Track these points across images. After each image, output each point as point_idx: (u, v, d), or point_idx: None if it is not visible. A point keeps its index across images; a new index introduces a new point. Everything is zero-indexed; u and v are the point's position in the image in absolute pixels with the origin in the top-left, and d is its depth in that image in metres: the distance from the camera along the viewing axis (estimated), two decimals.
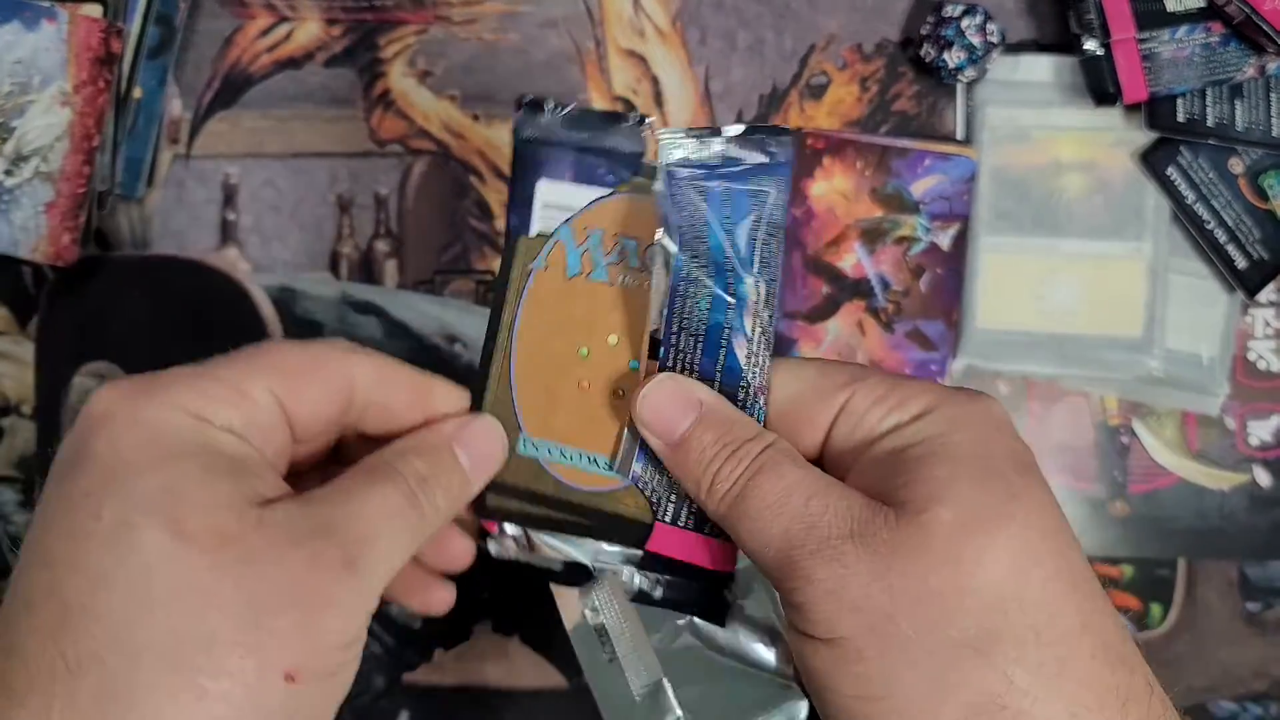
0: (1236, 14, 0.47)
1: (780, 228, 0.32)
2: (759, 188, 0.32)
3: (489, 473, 0.32)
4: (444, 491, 0.31)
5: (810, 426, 0.31)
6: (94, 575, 0.26)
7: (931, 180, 0.50)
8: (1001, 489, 0.27)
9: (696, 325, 0.31)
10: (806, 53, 0.53)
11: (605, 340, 0.33)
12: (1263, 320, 0.52)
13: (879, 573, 0.26)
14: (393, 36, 0.53)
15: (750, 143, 0.32)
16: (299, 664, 0.26)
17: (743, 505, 0.29)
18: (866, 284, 0.50)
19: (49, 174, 0.50)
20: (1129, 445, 0.52)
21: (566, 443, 0.33)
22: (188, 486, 0.27)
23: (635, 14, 0.53)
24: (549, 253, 0.33)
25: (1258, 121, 0.50)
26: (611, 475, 0.33)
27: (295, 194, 0.53)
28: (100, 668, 0.25)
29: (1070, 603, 0.27)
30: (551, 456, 0.33)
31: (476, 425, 0.32)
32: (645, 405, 0.31)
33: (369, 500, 0.29)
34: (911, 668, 0.26)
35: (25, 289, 0.53)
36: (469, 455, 0.32)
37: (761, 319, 0.31)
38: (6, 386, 0.53)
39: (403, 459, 0.31)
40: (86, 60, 0.50)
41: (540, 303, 0.33)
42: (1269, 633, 0.52)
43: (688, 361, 0.31)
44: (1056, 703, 0.26)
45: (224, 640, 0.26)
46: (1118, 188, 0.52)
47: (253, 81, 0.53)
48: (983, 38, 0.49)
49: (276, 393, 0.30)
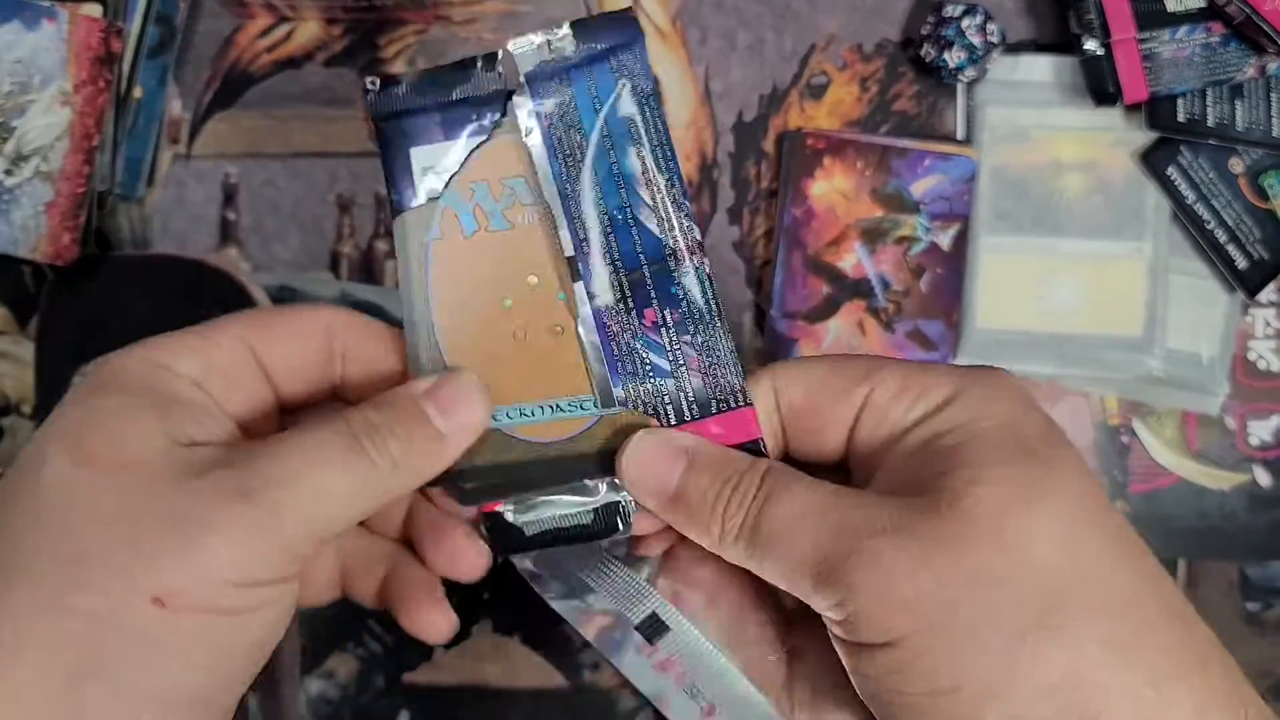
0: (1237, 14, 0.47)
1: (651, 95, 0.31)
2: (619, 61, 0.32)
3: (469, 432, 0.31)
4: (401, 444, 0.29)
5: (832, 427, 0.30)
6: (1, 499, 0.27)
7: (932, 180, 0.50)
8: (1037, 465, 0.27)
9: (599, 220, 0.31)
10: (806, 53, 0.53)
11: (525, 283, 0.32)
12: (1263, 320, 0.52)
13: (926, 565, 0.26)
14: (393, 36, 0.53)
15: (596, 29, 0.32)
16: (171, 589, 0.26)
17: (760, 536, 0.28)
18: (867, 284, 0.50)
19: (49, 173, 0.50)
20: (1129, 445, 0.52)
21: (524, 400, 0.32)
22: (104, 418, 0.28)
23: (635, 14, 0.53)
24: (440, 221, 0.32)
25: (1258, 121, 0.50)
26: (582, 414, 0.32)
27: (295, 194, 0.53)
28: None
29: (1126, 569, 0.26)
30: (514, 420, 0.32)
31: (453, 381, 0.31)
32: (631, 468, 0.30)
33: (298, 443, 0.28)
34: (980, 654, 0.25)
35: (25, 288, 0.53)
36: (443, 413, 0.30)
37: (657, 184, 0.31)
38: (6, 386, 0.53)
39: (355, 410, 0.30)
40: (86, 60, 0.50)
41: (448, 272, 0.32)
42: (1269, 632, 0.52)
43: (608, 259, 0.31)
44: (1134, 672, 0.25)
45: (94, 557, 0.26)
46: (1118, 187, 0.52)
47: (253, 81, 0.53)
48: (983, 38, 0.49)
49: (248, 340, 0.31)
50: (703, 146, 0.53)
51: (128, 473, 0.27)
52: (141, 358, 0.30)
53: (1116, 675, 0.25)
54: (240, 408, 0.31)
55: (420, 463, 0.30)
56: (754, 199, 0.53)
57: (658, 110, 0.32)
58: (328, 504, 0.28)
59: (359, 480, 0.28)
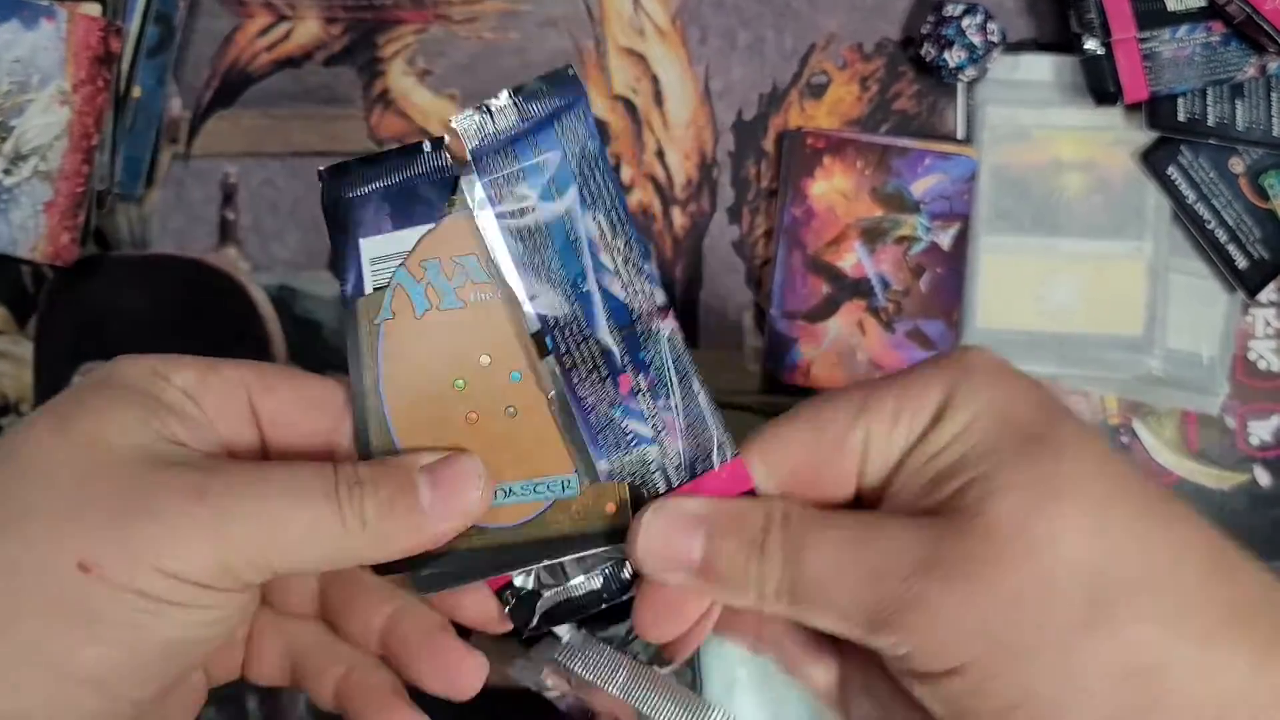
0: (1237, 13, 0.47)
1: (597, 156, 0.31)
2: (562, 125, 0.31)
3: (455, 518, 0.29)
4: (377, 506, 0.28)
5: (837, 481, 0.29)
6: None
7: (932, 179, 0.50)
8: (1045, 454, 0.26)
9: (563, 291, 0.31)
10: (807, 52, 0.53)
11: (478, 364, 0.31)
12: (1263, 320, 0.52)
13: (970, 599, 0.26)
14: (392, 35, 0.53)
15: (536, 94, 0.31)
16: (99, 557, 0.26)
17: (800, 594, 0.28)
18: (867, 283, 0.50)
19: (48, 173, 0.50)
20: (1129, 445, 0.52)
21: None
22: (94, 401, 0.28)
23: (635, 13, 0.53)
24: (391, 301, 0.31)
25: (1258, 121, 0.50)
26: (535, 497, 0.31)
27: (295, 193, 0.53)
28: None
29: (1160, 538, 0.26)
30: None
31: (456, 463, 0.30)
32: (649, 551, 0.29)
33: (273, 469, 0.28)
34: (1041, 666, 0.25)
35: (24, 288, 0.53)
36: (434, 490, 0.29)
37: (616, 247, 0.31)
38: (5, 385, 0.53)
39: (348, 463, 0.29)
40: (85, 59, 0.50)
41: (399, 352, 0.31)
42: None
43: (575, 331, 0.30)
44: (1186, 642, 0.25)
45: (35, 512, 0.26)
46: (1118, 187, 0.52)
47: (252, 80, 0.53)
48: (983, 37, 0.49)
49: (248, 384, 0.30)
50: (702, 146, 0.53)
51: (99, 449, 0.27)
52: (142, 364, 0.30)
53: (1170, 649, 0.25)
54: (227, 434, 0.30)
55: (390, 531, 0.28)
56: (754, 198, 0.53)
57: (607, 171, 0.31)
58: (278, 536, 0.27)
59: (320, 527, 0.28)
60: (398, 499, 0.28)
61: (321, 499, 0.28)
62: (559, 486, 0.31)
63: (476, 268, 0.31)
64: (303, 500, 0.27)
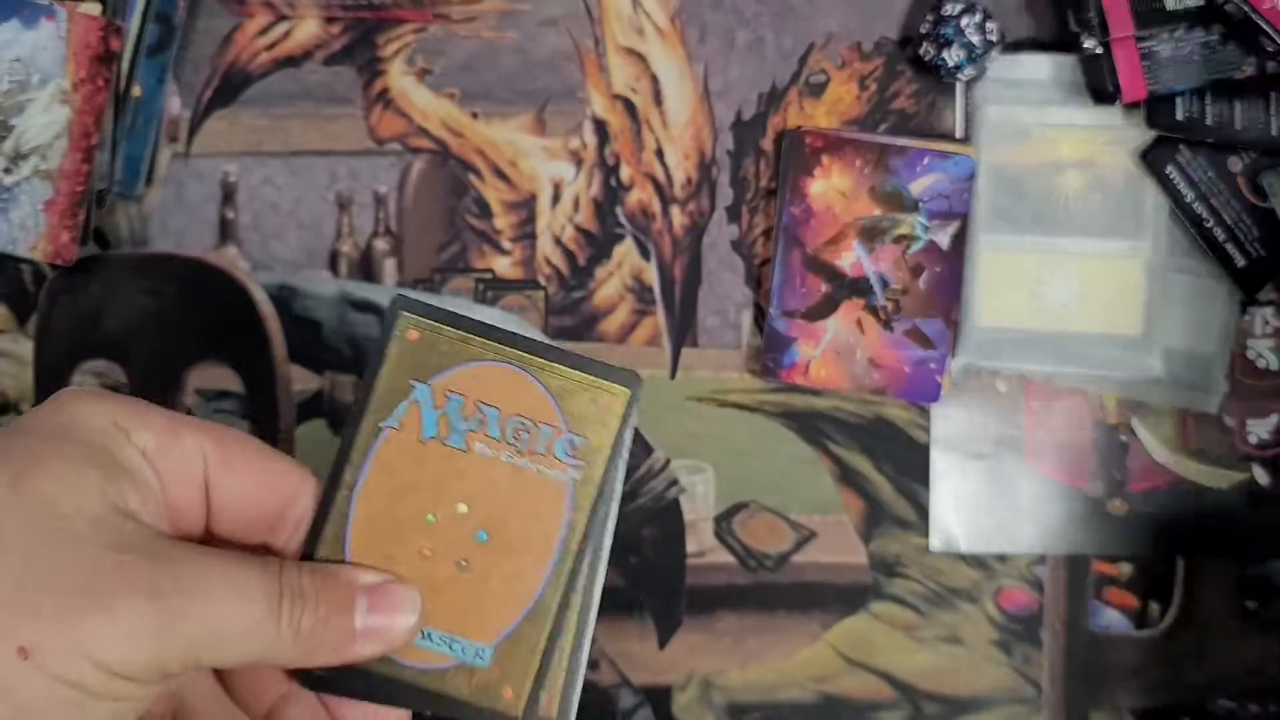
0: (1235, 13, 0.47)
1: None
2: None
3: (383, 643, 0.31)
4: (313, 621, 0.29)
5: None
6: None
7: (930, 179, 0.50)
8: None
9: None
10: (805, 51, 0.53)
11: (454, 508, 0.32)
12: (1261, 318, 0.52)
13: None
14: (392, 35, 0.53)
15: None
16: (41, 645, 0.26)
17: None
18: (865, 282, 0.50)
19: (48, 172, 0.50)
20: (1128, 443, 0.52)
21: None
22: (51, 459, 0.28)
23: (634, 12, 0.53)
24: (404, 412, 0.32)
25: (1256, 120, 0.50)
26: (449, 653, 0.32)
27: (294, 192, 0.53)
28: None
29: None
30: None
31: (397, 591, 0.31)
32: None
33: (223, 568, 0.28)
34: None
35: (24, 287, 0.53)
36: (371, 613, 0.30)
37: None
38: (5, 384, 0.53)
39: (292, 565, 0.30)
40: (85, 58, 0.50)
41: (389, 463, 0.32)
42: (1267, 631, 0.52)
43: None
44: None
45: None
46: (1117, 186, 0.52)
47: (252, 80, 0.53)
48: (982, 36, 0.49)
49: (207, 453, 0.30)
50: (701, 145, 0.53)
51: (56, 520, 0.27)
52: (104, 413, 0.29)
53: None
54: (175, 501, 0.30)
55: (319, 646, 0.29)
56: (753, 197, 0.53)
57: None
58: (215, 640, 0.28)
59: (254, 635, 0.28)
60: (333, 619, 0.29)
61: (264, 605, 0.28)
62: (473, 652, 0.32)
63: (495, 422, 0.32)
64: (246, 604, 0.28)
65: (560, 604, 0.32)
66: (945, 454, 0.52)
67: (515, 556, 0.32)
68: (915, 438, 0.53)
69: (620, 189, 0.53)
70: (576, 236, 0.53)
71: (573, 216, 0.53)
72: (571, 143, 0.53)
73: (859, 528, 0.53)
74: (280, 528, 0.32)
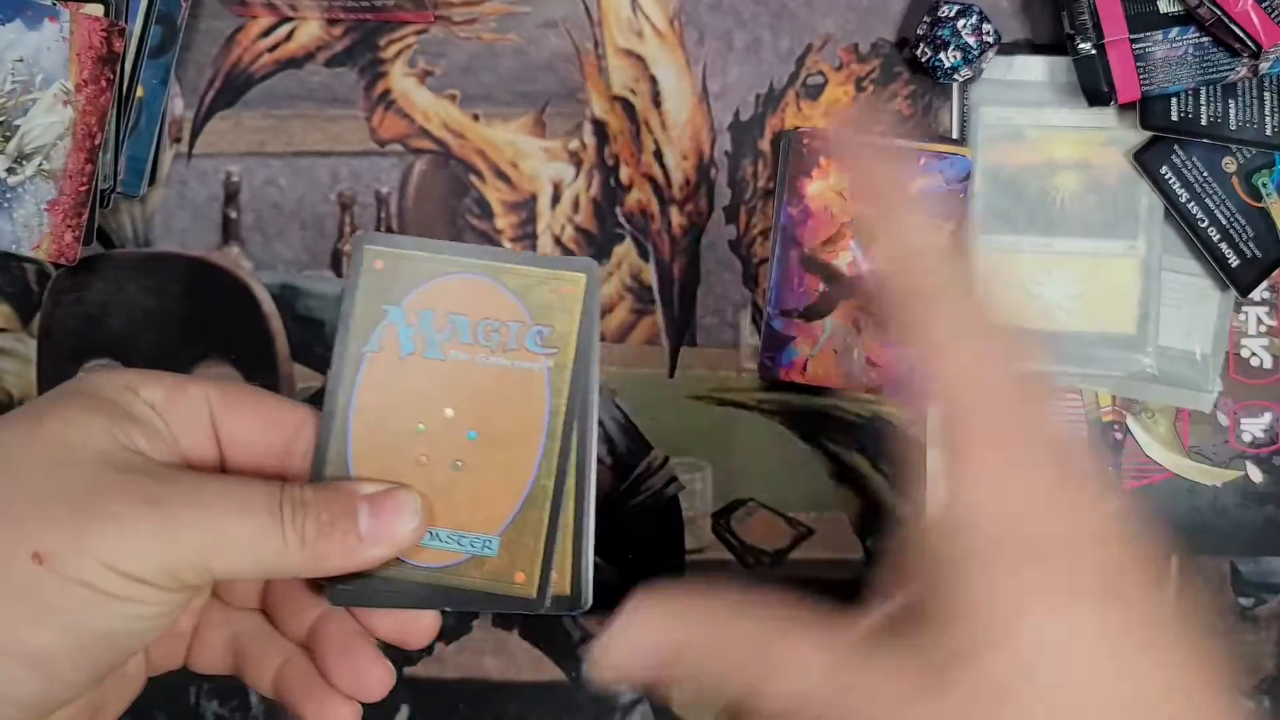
0: (1208, 16, 0.47)
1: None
2: None
3: (388, 546, 0.32)
4: (317, 528, 0.30)
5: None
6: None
7: (927, 180, 0.50)
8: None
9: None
10: (803, 53, 0.53)
11: (442, 414, 0.34)
12: (1255, 317, 0.53)
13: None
14: (393, 36, 0.53)
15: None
16: (53, 550, 0.28)
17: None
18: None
19: (51, 172, 0.50)
20: (1122, 441, 0.52)
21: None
22: (64, 406, 0.31)
23: (633, 14, 0.53)
24: (381, 335, 0.34)
25: (1251, 120, 0.50)
26: (456, 548, 0.33)
27: (297, 192, 0.53)
28: None
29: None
30: None
31: (397, 495, 0.32)
32: (615, 665, 0.28)
33: (223, 483, 0.31)
34: None
35: (28, 286, 0.53)
36: (373, 518, 0.31)
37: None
38: (9, 383, 0.53)
39: (295, 485, 0.31)
40: (88, 59, 0.50)
41: (375, 383, 0.34)
42: (1261, 628, 0.53)
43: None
44: None
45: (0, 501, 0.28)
46: (1112, 186, 0.52)
47: (254, 81, 0.53)
48: (978, 38, 0.50)
49: (212, 403, 0.33)
50: (700, 146, 0.53)
51: (64, 450, 0.29)
52: (115, 378, 0.32)
53: None
54: (187, 448, 0.33)
55: (326, 553, 0.31)
56: (751, 198, 0.53)
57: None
58: (221, 546, 0.29)
59: (260, 542, 0.30)
60: (337, 523, 0.31)
61: (265, 514, 0.30)
62: (480, 544, 0.33)
63: (465, 330, 0.34)
64: (247, 514, 0.30)
65: (556, 485, 0.34)
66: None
67: (505, 448, 0.34)
68: (912, 436, 0.53)
69: (619, 189, 0.53)
70: (576, 237, 0.53)
71: (572, 217, 0.53)
72: (571, 144, 0.53)
73: (856, 525, 0.53)
74: (289, 462, 0.33)
